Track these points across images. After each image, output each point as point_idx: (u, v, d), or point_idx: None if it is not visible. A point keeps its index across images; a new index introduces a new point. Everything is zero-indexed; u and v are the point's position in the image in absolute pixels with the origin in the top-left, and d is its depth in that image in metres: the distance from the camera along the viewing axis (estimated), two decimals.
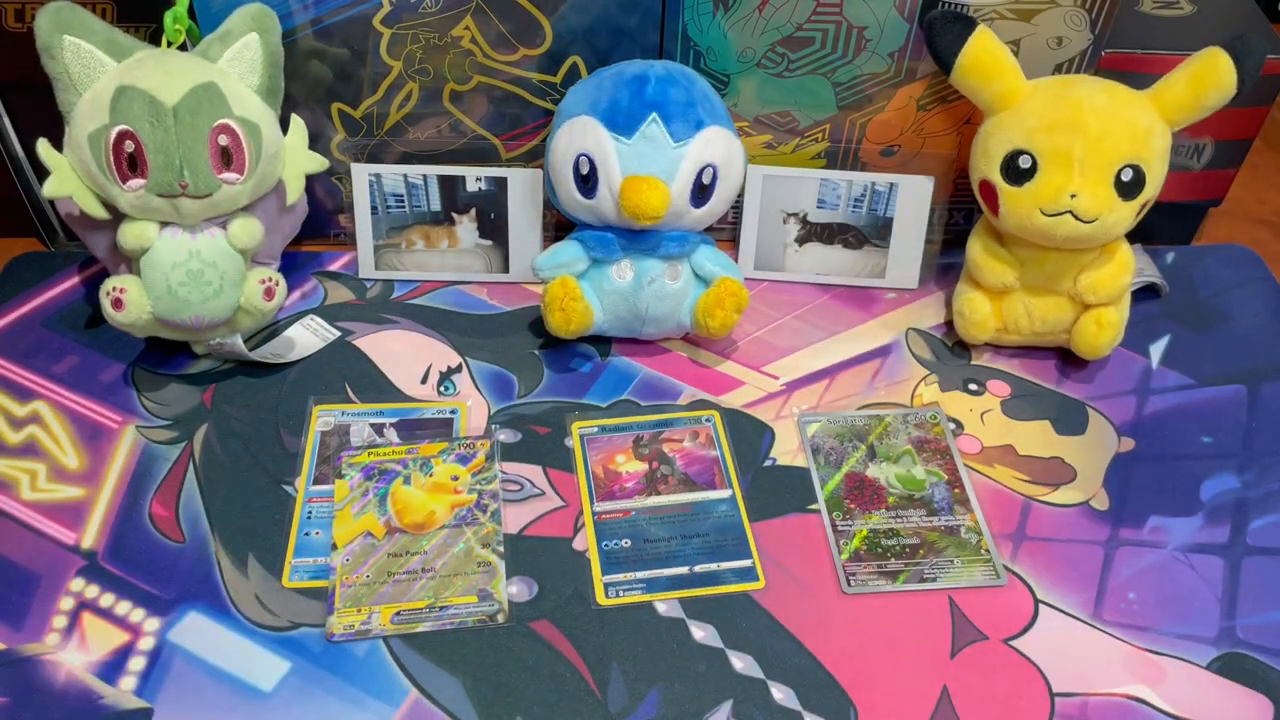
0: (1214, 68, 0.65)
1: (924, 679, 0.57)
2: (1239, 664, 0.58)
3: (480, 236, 0.78)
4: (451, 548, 0.62)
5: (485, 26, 0.72)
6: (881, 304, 0.78)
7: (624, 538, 0.63)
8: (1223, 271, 0.82)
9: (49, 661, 0.57)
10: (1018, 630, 0.59)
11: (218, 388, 0.71)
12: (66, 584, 0.60)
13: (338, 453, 0.66)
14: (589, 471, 0.66)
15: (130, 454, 0.67)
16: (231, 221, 0.67)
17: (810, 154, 0.79)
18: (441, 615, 0.59)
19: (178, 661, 0.57)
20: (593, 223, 0.70)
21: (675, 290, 0.71)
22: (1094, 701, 0.56)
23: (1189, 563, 0.63)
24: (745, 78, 0.74)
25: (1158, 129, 0.66)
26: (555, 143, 0.69)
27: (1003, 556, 0.63)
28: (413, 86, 0.74)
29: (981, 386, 0.73)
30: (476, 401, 0.70)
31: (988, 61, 0.68)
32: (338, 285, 0.78)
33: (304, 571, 0.61)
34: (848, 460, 0.68)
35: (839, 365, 0.74)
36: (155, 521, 0.63)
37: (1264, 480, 0.67)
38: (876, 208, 0.77)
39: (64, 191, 0.65)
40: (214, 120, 0.64)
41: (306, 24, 0.70)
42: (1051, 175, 0.66)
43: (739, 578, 0.61)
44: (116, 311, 0.66)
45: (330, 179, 0.79)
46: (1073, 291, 0.71)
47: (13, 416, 0.68)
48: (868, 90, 0.75)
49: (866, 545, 0.63)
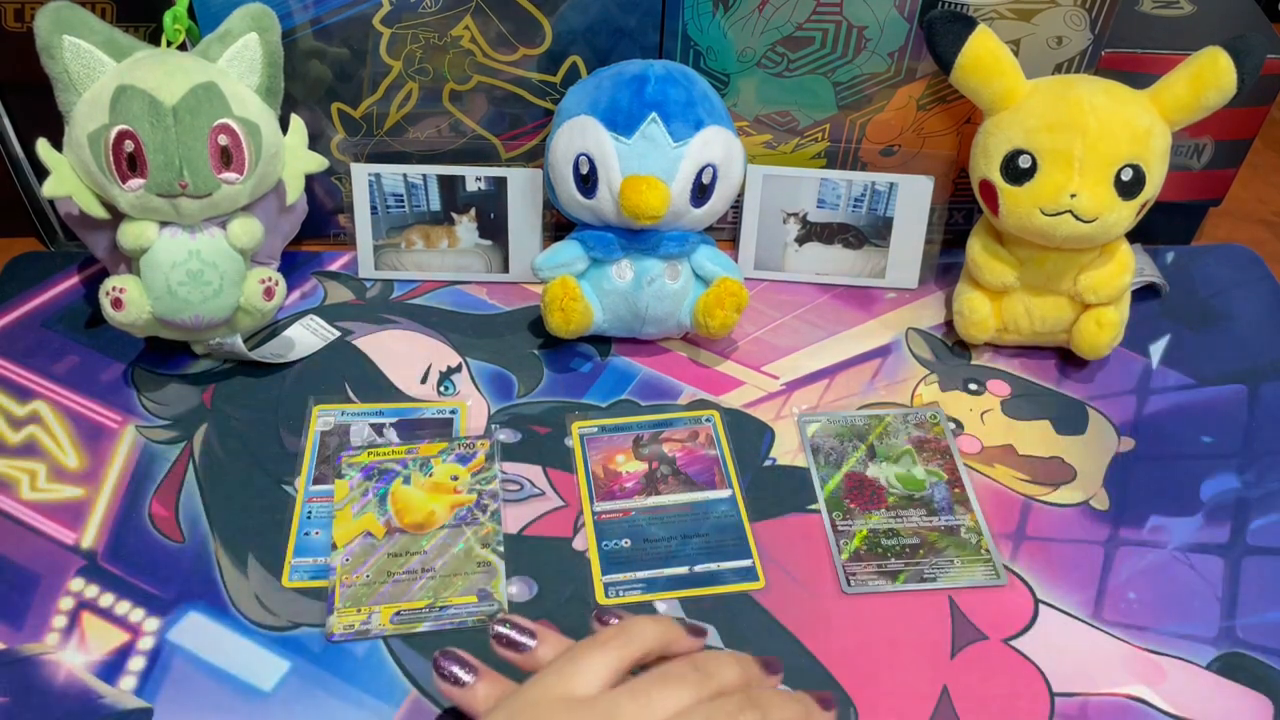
0: (1214, 68, 0.65)
1: (924, 679, 0.57)
2: (1239, 664, 0.58)
3: (480, 236, 0.78)
4: (451, 548, 0.62)
5: (485, 26, 0.72)
6: (881, 304, 0.78)
7: (624, 538, 0.63)
8: (1223, 271, 0.82)
9: (49, 661, 0.57)
10: (1018, 630, 0.59)
11: (218, 388, 0.71)
12: (66, 584, 0.60)
13: (338, 453, 0.66)
14: (589, 471, 0.66)
15: (130, 454, 0.67)
16: (231, 221, 0.67)
17: (810, 154, 0.79)
18: (441, 615, 0.59)
19: (178, 661, 0.57)
20: (593, 223, 0.70)
21: (675, 290, 0.71)
22: (1094, 701, 0.56)
23: (1189, 562, 0.63)
24: (745, 77, 0.74)
25: (1158, 129, 0.66)
26: (555, 143, 0.69)
27: (1003, 556, 0.63)
28: (413, 86, 0.74)
29: (981, 386, 0.73)
30: (476, 401, 0.70)
31: (988, 61, 0.68)
32: (338, 285, 0.78)
33: (304, 571, 0.61)
34: (848, 460, 0.68)
35: (839, 365, 0.74)
36: (155, 521, 0.63)
37: (1264, 480, 0.67)
38: (876, 208, 0.77)
39: (63, 191, 0.65)
40: (214, 120, 0.64)
41: (306, 24, 0.70)
42: (1051, 175, 0.66)
43: (739, 578, 0.61)
44: (116, 311, 0.66)
45: (330, 179, 0.79)
46: (1073, 291, 0.71)
47: (13, 416, 0.68)
48: (868, 90, 0.75)
49: (866, 545, 0.63)
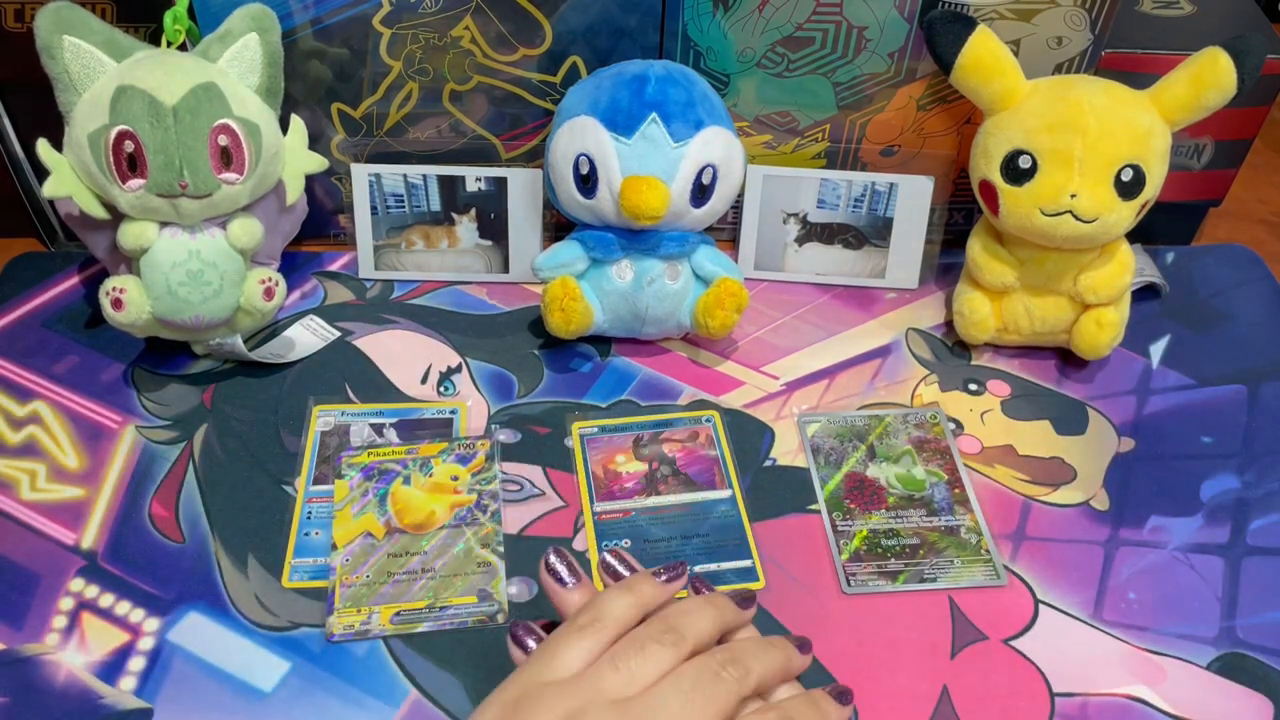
0: (1214, 68, 0.65)
1: (924, 679, 0.57)
2: (1239, 664, 0.58)
3: (480, 236, 0.78)
4: (451, 548, 0.62)
5: (485, 26, 0.72)
6: (881, 304, 0.78)
7: (624, 538, 0.63)
8: (1223, 271, 0.82)
9: (49, 661, 0.57)
10: (1018, 630, 0.59)
11: (218, 388, 0.71)
12: (66, 584, 0.60)
13: (338, 453, 0.66)
14: (589, 472, 0.66)
15: (130, 454, 0.67)
16: (231, 221, 0.67)
17: (810, 154, 0.79)
18: (441, 615, 0.59)
19: (178, 661, 0.57)
20: (593, 223, 0.70)
21: (675, 290, 0.71)
22: (1094, 701, 0.56)
23: (1189, 563, 0.63)
24: (745, 78, 0.74)
25: (1158, 129, 0.66)
26: (555, 143, 0.69)
27: (1003, 556, 0.63)
28: (413, 86, 0.74)
29: (981, 386, 0.73)
30: (476, 402, 0.70)
31: (988, 61, 0.68)
32: (338, 285, 0.78)
33: (304, 572, 0.61)
34: (848, 460, 0.68)
35: (839, 365, 0.74)
36: (155, 521, 0.63)
37: (1264, 480, 0.67)
38: (876, 208, 0.77)
39: (64, 191, 0.65)
40: (214, 120, 0.64)
41: (306, 24, 0.70)
42: (1051, 175, 0.66)
43: (739, 578, 0.61)
44: (116, 311, 0.66)
45: (330, 179, 0.79)
46: (1073, 291, 0.71)
47: (13, 416, 0.68)
48: (868, 90, 0.75)
49: (866, 545, 0.63)
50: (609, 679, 0.42)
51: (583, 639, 0.44)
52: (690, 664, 0.43)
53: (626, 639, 0.44)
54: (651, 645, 0.44)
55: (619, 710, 0.41)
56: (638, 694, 0.42)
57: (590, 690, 0.42)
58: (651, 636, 0.44)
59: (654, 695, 0.42)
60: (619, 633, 0.45)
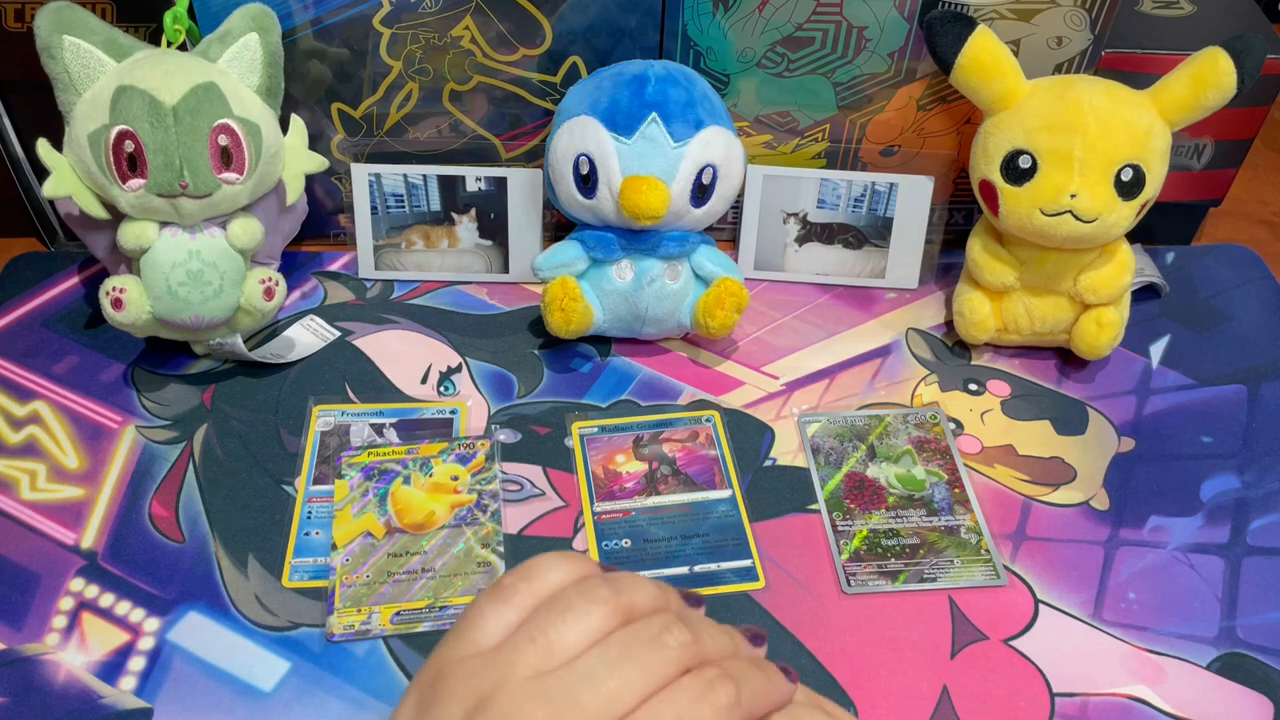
0: (1214, 68, 0.65)
1: (924, 679, 0.57)
2: (1239, 664, 0.58)
3: (480, 236, 0.78)
4: (451, 548, 0.62)
5: (485, 26, 0.72)
6: (881, 304, 0.78)
7: (624, 538, 0.63)
8: (1223, 271, 0.82)
9: (49, 661, 0.57)
10: (1018, 630, 0.59)
11: (218, 388, 0.71)
12: (66, 584, 0.60)
13: (338, 453, 0.66)
14: (589, 471, 0.66)
15: (130, 454, 0.67)
16: (231, 221, 0.67)
17: (810, 154, 0.79)
18: (441, 615, 0.59)
19: (178, 661, 0.57)
20: (593, 223, 0.70)
21: (675, 290, 0.71)
22: (1094, 701, 0.56)
23: (1189, 563, 0.63)
24: (745, 78, 0.74)
25: (1158, 129, 0.66)
26: (555, 143, 0.69)
27: (1003, 556, 0.63)
28: (413, 86, 0.74)
29: (981, 386, 0.73)
30: (476, 402, 0.70)
31: (988, 61, 0.68)
32: (338, 285, 0.78)
33: (304, 571, 0.61)
34: (848, 460, 0.68)
35: (839, 365, 0.74)
36: (155, 521, 0.63)
37: (1264, 480, 0.67)
38: (876, 208, 0.77)
39: (63, 191, 0.65)
40: (214, 120, 0.64)
41: (306, 24, 0.70)
42: (1051, 175, 0.66)
43: (739, 578, 0.61)
44: (116, 311, 0.66)
45: (330, 179, 0.79)
46: (1073, 291, 0.71)
47: (12, 416, 0.68)
48: (868, 90, 0.75)
49: (866, 545, 0.63)
50: (525, 652, 0.36)
51: (504, 605, 0.38)
52: (625, 629, 0.37)
53: (547, 603, 0.37)
54: (577, 608, 0.37)
55: (535, 686, 0.35)
56: (558, 667, 0.35)
57: (504, 665, 0.36)
58: (576, 597, 0.37)
59: (577, 667, 0.35)
60: (545, 595, 0.38)
